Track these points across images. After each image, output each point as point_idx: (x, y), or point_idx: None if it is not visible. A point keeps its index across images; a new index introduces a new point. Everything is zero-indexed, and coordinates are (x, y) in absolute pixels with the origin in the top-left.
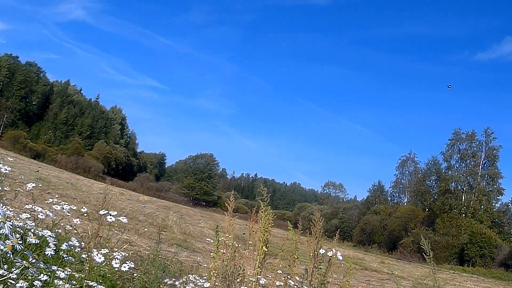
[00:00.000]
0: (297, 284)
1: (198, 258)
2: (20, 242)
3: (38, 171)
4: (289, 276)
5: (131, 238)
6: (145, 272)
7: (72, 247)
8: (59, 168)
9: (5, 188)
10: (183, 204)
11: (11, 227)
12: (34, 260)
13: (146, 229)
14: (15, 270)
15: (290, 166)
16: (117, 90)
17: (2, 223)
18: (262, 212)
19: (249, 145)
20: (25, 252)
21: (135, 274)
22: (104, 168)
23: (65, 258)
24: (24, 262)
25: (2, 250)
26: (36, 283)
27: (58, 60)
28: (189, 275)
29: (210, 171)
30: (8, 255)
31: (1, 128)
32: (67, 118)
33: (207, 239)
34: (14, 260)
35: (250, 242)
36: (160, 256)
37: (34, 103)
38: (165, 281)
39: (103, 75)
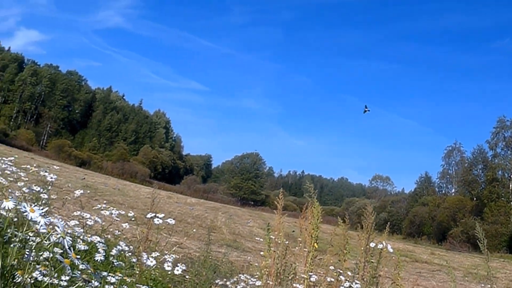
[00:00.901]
0: (348, 279)
1: (249, 257)
2: (78, 257)
3: (84, 178)
4: (340, 271)
5: (180, 240)
6: (196, 273)
7: (121, 252)
8: (105, 174)
9: (52, 196)
10: (231, 204)
11: (70, 241)
12: (83, 267)
13: (195, 231)
14: (65, 277)
15: (337, 161)
16: (160, 94)
17: (61, 238)
18: (312, 208)
19: (295, 142)
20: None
21: (186, 276)
22: (151, 173)
23: (115, 263)
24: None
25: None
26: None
27: (99, 67)
28: (240, 275)
29: (257, 170)
30: (68, 271)
31: (45, 138)
32: (111, 125)
33: (257, 238)
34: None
35: (299, 239)
36: (210, 257)
37: (77, 111)
38: (216, 281)
39: (145, 80)
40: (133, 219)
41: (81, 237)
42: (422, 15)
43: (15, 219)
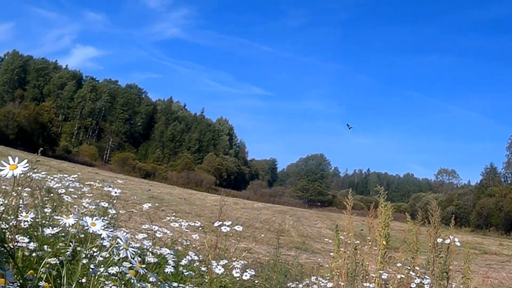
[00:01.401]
0: (418, 275)
1: (319, 259)
2: (144, 266)
3: (149, 190)
4: (409, 268)
5: (249, 246)
6: (266, 278)
7: (191, 262)
8: (170, 185)
9: (121, 211)
10: (298, 207)
11: (133, 252)
12: (154, 279)
13: (263, 236)
14: None
15: (402, 157)
16: (221, 101)
17: (124, 249)
18: (381, 207)
19: (359, 141)
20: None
21: (255, 282)
22: (216, 180)
23: (185, 273)
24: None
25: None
26: None
27: (158, 79)
28: (311, 277)
29: (322, 171)
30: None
31: (108, 152)
32: (174, 135)
33: (326, 239)
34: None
35: (369, 238)
36: (280, 260)
37: (138, 124)
38: (288, 285)
39: (206, 88)
40: (200, 228)
41: (150, 249)
42: (480, 4)
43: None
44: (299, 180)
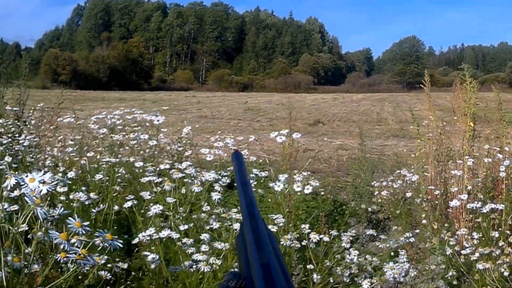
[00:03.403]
0: (507, 156)
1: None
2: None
3: (246, 102)
4: (498, 149)
5: (344, 142)
6: (355, 177)
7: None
8: (269, 92)
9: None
10: (398, 92)
11: (44, 212)
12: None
13: (358, 131)
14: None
15: (494, 27)
16: (308, 2)
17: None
18: (467, 85)
19: (451, 16)
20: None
21: (348, 181)
22: (314, 79)
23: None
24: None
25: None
26: (203, 236)
27: None
28: (399, 171)
29: (417, 52)
30: None
31: (203, 73)
32: (266, 43)
33: (424, 121)
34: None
35: (456, 118)
36: (375, 152)
37: (229, 39)
38: (373, 183)
39: None
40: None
41: (197, 177)
42: None
43: None
44: (395, 65)
